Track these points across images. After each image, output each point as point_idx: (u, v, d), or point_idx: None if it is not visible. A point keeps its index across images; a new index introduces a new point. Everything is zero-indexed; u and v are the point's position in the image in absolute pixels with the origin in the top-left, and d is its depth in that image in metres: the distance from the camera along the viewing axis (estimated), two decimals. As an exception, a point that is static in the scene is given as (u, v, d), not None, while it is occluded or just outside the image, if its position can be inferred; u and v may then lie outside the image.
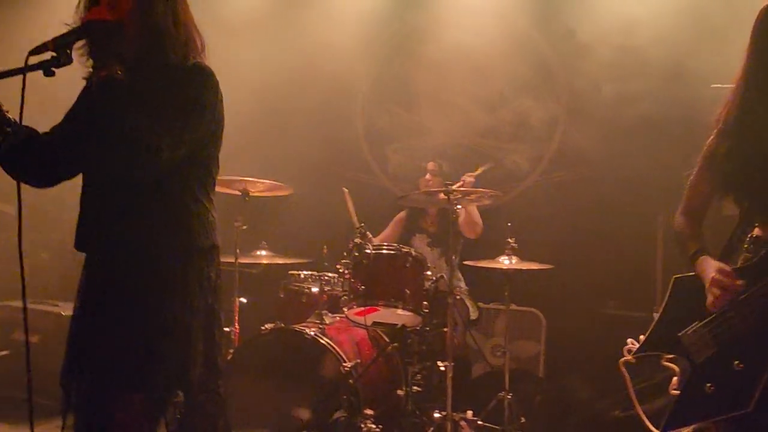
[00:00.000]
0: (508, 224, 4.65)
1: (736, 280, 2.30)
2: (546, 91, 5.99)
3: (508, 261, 4.57)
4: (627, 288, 5.38)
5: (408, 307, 4.29)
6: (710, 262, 2.40)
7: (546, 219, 5.69)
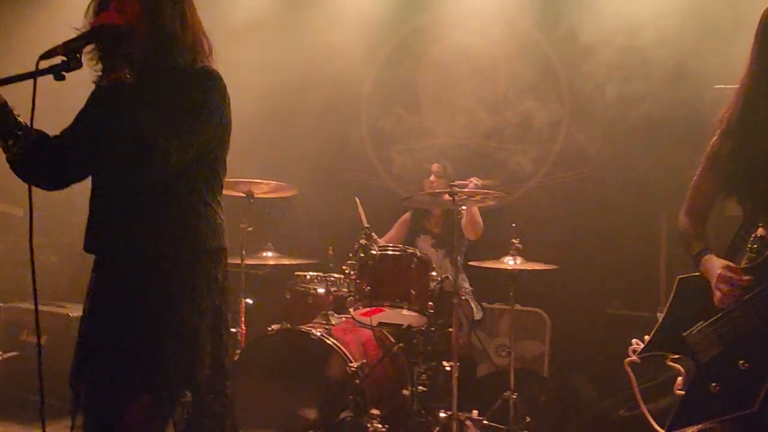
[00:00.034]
0: (512, 225, 4.63)
1: (743, 275, 2.31)
2: (549, 92, 5.99)
3: (512, 261, 4.55)
4: (631, 288, 5.38)
5: (413, 307, 4.29)
6: (715, 261, 2.41)
7: (550, 220, 5.70)
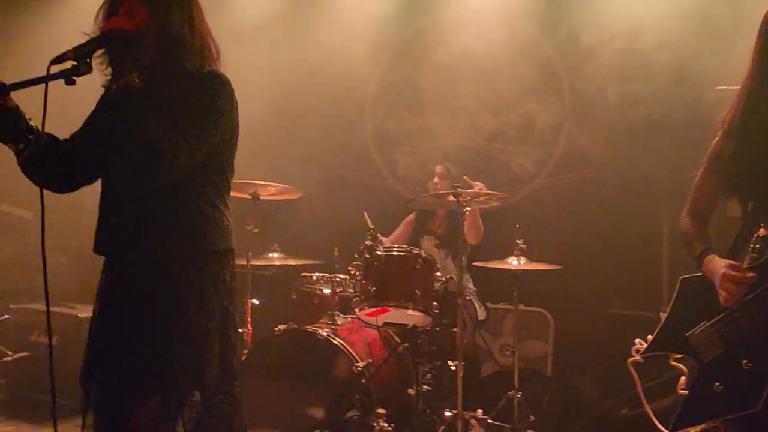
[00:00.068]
0: (516, 226, 4.65)
1: (748, 273, 2.31)
2: (551, 94, 6.01)
3: (516, 262, 4.56)
4: (633, 288, 5.38)
5: (418, 307, 4.30)
6: (718, 261, 2.40)
7: (553, 220, 5.72)
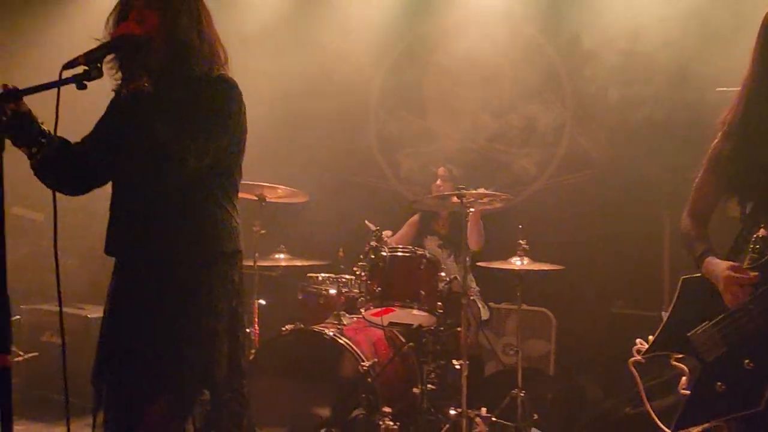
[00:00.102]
0: (519, 226, 4.68)
1: (751, 273, 2.32)
2: (553, 96, 6.04)
3: (520, 262, 4.59)
4: (635, 288, 5.40)
5: (423, 307, 4.33)
6: (718, 262, 2.41)
7: (555, 221, 5.74)
